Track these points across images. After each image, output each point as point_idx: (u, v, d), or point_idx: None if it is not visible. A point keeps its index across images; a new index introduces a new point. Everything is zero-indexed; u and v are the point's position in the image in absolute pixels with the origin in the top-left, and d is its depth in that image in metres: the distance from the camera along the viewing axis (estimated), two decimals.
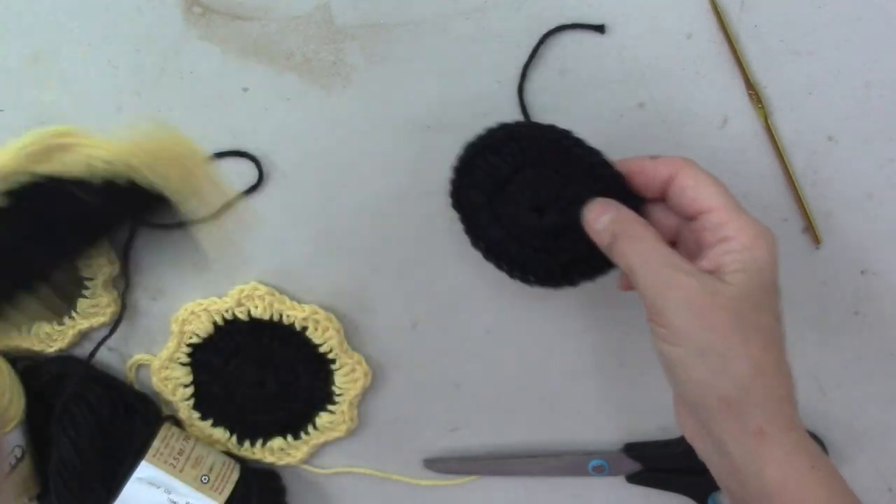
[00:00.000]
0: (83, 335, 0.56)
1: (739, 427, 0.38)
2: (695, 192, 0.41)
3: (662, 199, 0.43)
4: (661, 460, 0.55)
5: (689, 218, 0.41)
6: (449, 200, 0.47)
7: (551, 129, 0.44)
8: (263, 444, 0.57)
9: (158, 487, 0.52)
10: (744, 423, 0.38)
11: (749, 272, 0.39)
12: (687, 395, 0.40)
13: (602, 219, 0.42)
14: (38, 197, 0.31)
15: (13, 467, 0.52)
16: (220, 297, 0.54)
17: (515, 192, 0.45)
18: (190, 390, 0.56)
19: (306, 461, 0.58)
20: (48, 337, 0.55)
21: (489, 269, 0.52)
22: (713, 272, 0.39)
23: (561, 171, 0.44)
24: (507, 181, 0.45)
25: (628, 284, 0.45)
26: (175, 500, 0.52)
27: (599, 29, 0.47)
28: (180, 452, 0.54)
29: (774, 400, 0.38)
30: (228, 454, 0.57)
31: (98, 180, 0.31)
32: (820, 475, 0.38)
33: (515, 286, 0.53)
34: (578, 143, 0.44)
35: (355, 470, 0.58)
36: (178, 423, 0.57)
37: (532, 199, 0.45)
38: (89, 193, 0.32)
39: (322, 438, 0.56)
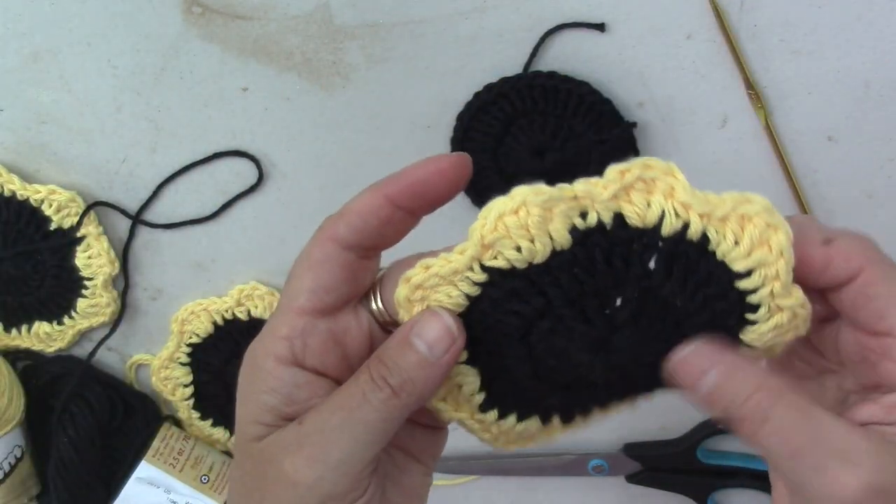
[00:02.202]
0: (83, 335, 0.56)
1: None
2: (883, 304, 0.28)
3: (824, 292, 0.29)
4: (661, 460, 0.55)
5: (868, 333, 0.28)
6: None
7: (535, 75, 0.46)
8: None
9: (158, 487, 0.52)
10: None
11: None
12: None
13: (703, 384, 0.27)
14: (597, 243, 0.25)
15: (13, 467, 0.52)
16: (219, 297, 0.54)
17: (514, 143, 0.47)
18: (190, 390, 0.56)
19: None
20: (48, 337, 0.55)
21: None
22: (886, 426, 0.27)
23: (555, 111, 0.46)
24: (504, 135, 0.47)
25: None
26: (175, 499, 0.52)
27: (599, 28, 0.47)
28: (180, 452, 0.54)
29: None
30: (228, 454, 0.57)
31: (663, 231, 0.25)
32: None
33: None
34: (564, 80, 0.46)
35: None
36: (177, 422, 0.57)
37: (531, 144, 0.47)
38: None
39: None
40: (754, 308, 0.26)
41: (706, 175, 0.48)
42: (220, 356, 0.55)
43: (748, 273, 0.26)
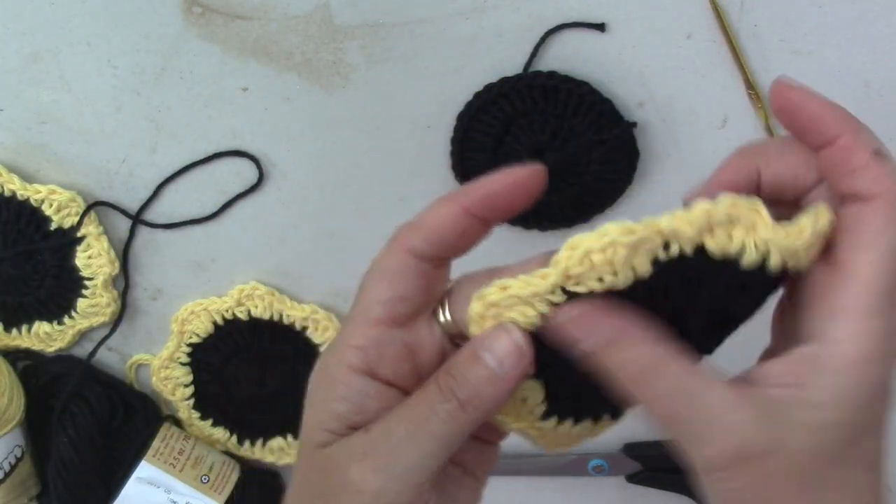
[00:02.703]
0: (83, 335, 0.56)
1: None
2: (857, 229, 0.26)
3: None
4: (661, 460, 0.55)
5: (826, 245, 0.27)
6: (452, 174, 0.49)
7: (535, 75, 0.47)
8: (263, 444, 0.57)
9: (158, 487, 0.52)
10: None
11: (837, 411, 0.25)
12: None
13: (588, 342, 0.27)
14: (683, 271, 0.26)
15: (13, 467, 0.52)
16: (220, 297, 0.54)
17: (513, 143, 0.47)
18: (190, 390, 0.56)
19: None
20: (48, 337, 0.55)
21: (488, 265, 0.52)
22: (791, 388, 0.26)
23: (555, 111, 0.47)
24: (504, 134, 0.47)
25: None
26: (175, 499, 0.52)
27: (600, 28, 0.47)
28: (180, 452, 0.54)
29: None
30: (228, 454, 0.57)
31: (748, 263, 0.26)
32: None
33: None
34: (564, 80, 0.46)
35: None
36: (177, 422, 0.57)
37: (531, 144, 0.47)
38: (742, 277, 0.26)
39: None
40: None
41: (706, 175, 0.48)
42: (220, 356, 0.55)
43: None
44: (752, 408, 0.26)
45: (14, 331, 0.55)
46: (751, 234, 0.26)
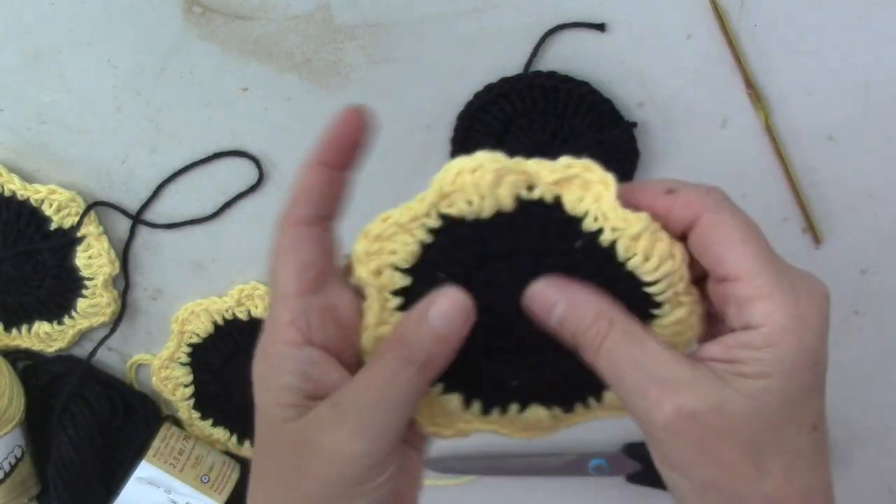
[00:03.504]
0: (83, 335, 0.56)
1: None
2: (719, 249, 0.29)
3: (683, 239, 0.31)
4: None
5: (715, 279, 0.30)
6: None
7: (535, 75, 0.47)
8: None
9: (158, 487, 0.52)
10: None
11: (772, 377, 0.29)
12: None
13: (554, 313, 0.30)
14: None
15: (13, 467, 0.52)
16: (220, 297, 0.54)
17: (514, 143, 0.48)
18: (190, 390, 0.56)
19: None
20: (48, 337, 0.55)
21: None
22: (728, 363, 0.29)
23: (555, 111, 0.47)
24: (504, 134, 0.48)
25: None
26: (175, 499, 0.52)
27: (600, 28, 0.47)
28: (180, 452, 0.54)
29: None
30: (228, 454, 0.57)
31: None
32: None
33: None
34: (564, 80, 0.46)
35: None
36: (178, 422, 0.57)
37: (531, 143, 0.47)
38: None
39: None
40: (658, 305, 0.30)
41: (706, 175, 0.48)
42: (220, 356, 0.55)
43: (655, 282, 0.30)
44: (697, 372, 0.29)
45: (14, 331, 0.55)
46: (595, 202, 0.30)
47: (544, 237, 0.30)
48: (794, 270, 0.31)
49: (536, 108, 0.47)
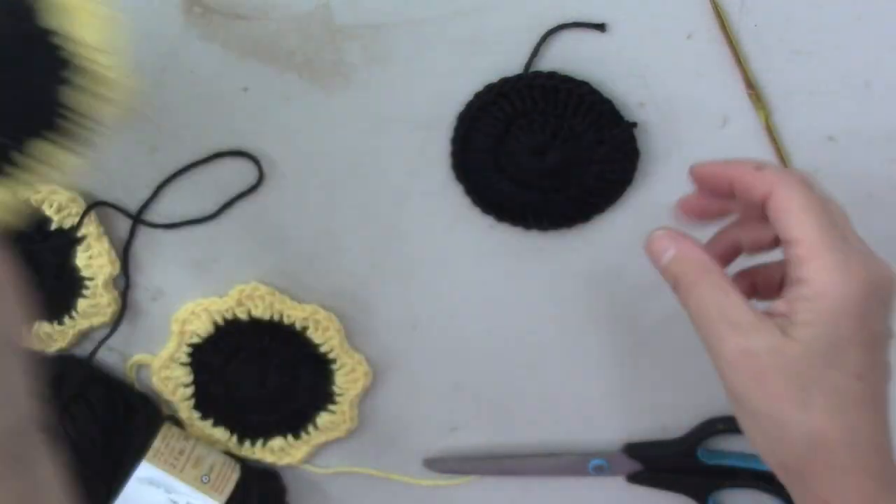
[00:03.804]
0: (83, 335, 0.56)
1: (802, 494, 0.36)
2: (786, 217, 0.36)
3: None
4: (661, 460, 0.55)
5: (784, 243, 0.37)
6: (452, 174, 0.50)
7: (535, 75, 0.47)
8: (263, 444, 0.57)
9: (158, 487, 0.52)
10: (805, 492, 0.36)
11: (818, 325, 0.34)
12: (756, 449, 0.38)
13: (664, 256, 0.39)
14: None
15: None
16: (220, 297, 0.54)
17: (514, 143, 0.48)
18: (190, 390, 0.56)
19: (306, 461, 0.58)
20: (48, 337, 0.55)
21: (488, 267, 0.53)
22: (785, 317, 0.35)
23: (555, 111, 0.47)
24: (504, 134, 0.48)
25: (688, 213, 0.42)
26: (175, 499, 0.52)
27: (600, 28, 0.47)
28: (180, 452, 0.54)
29: (839, 472, 0.35)
30: (228, 454, 0.57)
31: None
32: None
33: (515, 285, 0.53)
34: (565, 80, 0.46)
35: (355, 470, 0.58)
36: (178, 423, 0.57)
37: (531, 143, 0.47)
38: None
39: (322, 438, 0.56)
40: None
41: None
42: (220, 356, 0.55)
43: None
44: (761, 321, 0.35)
45: None
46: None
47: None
48: (856, 246, 0.36)
49: (536, 108, 0.47)
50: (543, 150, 0.48)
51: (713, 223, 0.43)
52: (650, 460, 0.55)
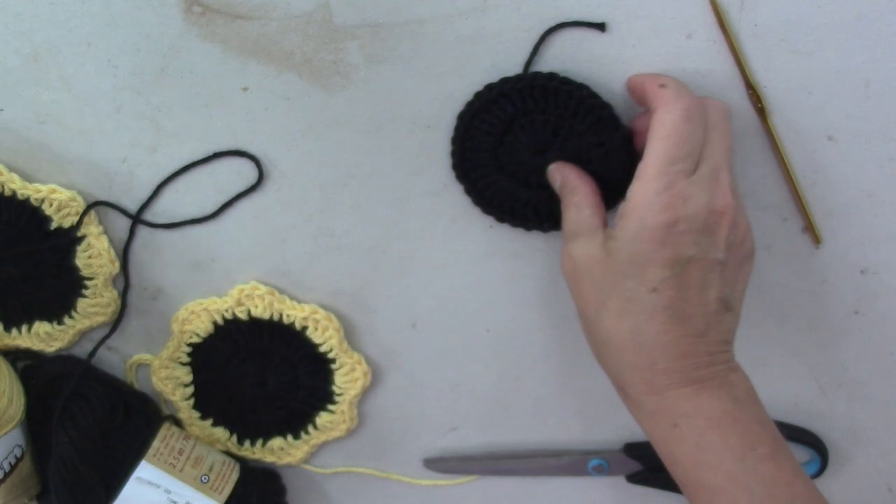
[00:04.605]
0: (83, 335, 0.56)
1: (611, 381, 0.44)
2: (649, 135, 0.41)
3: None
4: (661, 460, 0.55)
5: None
6: (452, 174, 0.50)
7: (535, 76, 0.47)
8: (263, 443, 0.57)
9: (158, 487, 0.52)
10: (612, 379, 0.43)
11: (623, 240, 0.40)
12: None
13: (555, 184, 0.46)
14: None
15: (13, 467, 0.52)
16: (220, 297, 0.54)
17: (514, 142, 0.48)
18: (190, 390, 0.56)
19: (306, 461, 0.58)
20: (48, 337, 0.55)
21: (488, 267, 0.53)
22: (610, 232, 0.42)
23: (555, 111, 0.47)
24: (504, 134, 0.48)
25: None
26: (175, 499, 0.52)
27: (600, 27, 0.47)
28: (180, 452, 0.54)
29: (628, 368, 0.41)
30: (228, 454, 0.57)
31: None
32: (679, 432, 0.40)
33: (515, 286, 0.53)
34: (565, 82, 0.47)
35: (355, 469, 0.58)
36: (178, 422, 0.57)
37: (531, 143, 0.48)
38: None
39: (322, 438, 0.56)
40: None
41: None
42: (220, 356, 0.55)
43: None
44: (591, 233, 0.43)
45: (14, 331, 0.55)
46: None
47: None
48: (694, 179, 0.40)
49: (537, 108, 0.47)
50: (543, 149, 0.48)
51: None
52: (650, 460, 0.55)
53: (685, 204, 0.39)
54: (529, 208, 0.49)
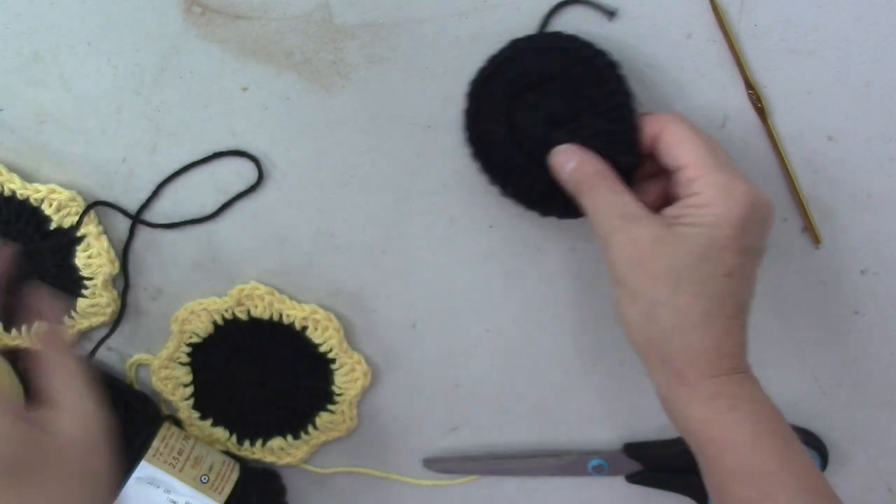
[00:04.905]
0: (83, 335, 0.56)
1: (663, 368, 0.43)
2: (676, 148, 0.42)
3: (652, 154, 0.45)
4: (661, 460, 0.55)
5: (674, 170, 0.43)
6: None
7: (572, 40, 0.45)
8: (263, 444, 0.57)
9: (158, 487, 0.52)
10: (667, 366, 0.42)
11: (701, 227, 0.41)
12: (626, 332, 0.44)
13: (566, 167, 0.45)
14: None
15: None
16: (220, 297, 0.54)
17: (529, 110, 0.46)
18: (190, 390, 0.56)
19: (306, 461, 0.58)
20: None
21: (489, 268, 0.53)
22: (676, 218, 0.42)
23: (580, 83, 0.45)
24: (521, 96, 0.46)
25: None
26: (175, 499, 0.52)
27: (610, 14, 0.46)
28: (180, 452, 0.54)
29: (695, 350, 0.41)
30: (228, 454, 0.57)
31: None
32: (738, 415, 0.41)
33: (515, 286, 0.53)
34: (599, 54, 0.45)
35: (355, 469, 0.58)
36: (177, 422, 0.57)
37: (545, 114, 0.46)
38: None
39: (322, 438, 0.56)
40: None
41: None
42: (220, 356, 0.55)
43: None
44: (650, 216, 0.42)
45: (14, 331, 0.55)
46: None
47: None
48: (737, 172, 0.42)
49: (549, 75, 0.46)
50: (557, 121, 0.46)
51: None
52: (650, 460, 0.55)
53: (757, 196, 0.41)
54: (537, 183, 0.47)
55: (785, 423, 0.42)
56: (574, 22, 0.47)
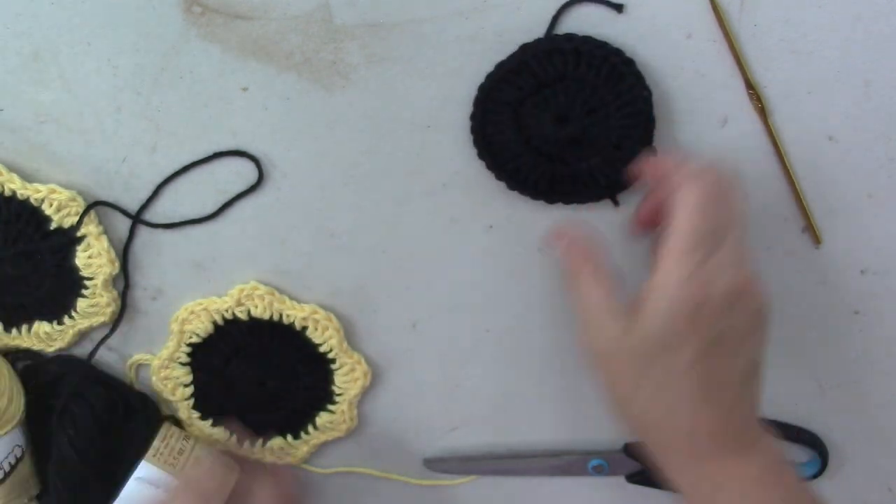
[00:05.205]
0: (83, 335, 0.56)
1: (653, 457, 0.43)
2: (676, 210, 0.40)
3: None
4: None
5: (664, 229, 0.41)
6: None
7: (584, 41, 0.46)
8: (263, 444, 0.57)
9: (158, 487, 0.52)
10: (652, 451, 0.42)
11: (656, 318, 0.39)
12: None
13: (559, 245, 0.46)
14: None
15: (13, 467, 0.52)
16: (219, 297, 0.54)
17: (537, 109, 0.47)
18: (190, 390, 0.56)
19: (306, 461, 0.58)
20: (48, 337, 0.55)
21: (489, 268, 0.53)
22: (640, 303, 0.40)
23: (592, 81, 0.46)
24: (530, 97, 0.47)
25: (639, 227, 0.47)
26: None
27: (617, 8, 0.46)
28: (180, 452, 0.54)
29: (665, 443, 0.41)
30: (228, 454, 0.57)
31: None
32: (727, 494, 0.40)
33: (515, 286, 0.53)
34: (616, 53, 0.46)
35: (355, 470, 0.58)
36: (178, 422, 0.57)
37: (555, 110, 0.47)
38: None
39: (322, 438, 0.56)
40: None
41: None
42: (220, 356, 0.55)
43: None
44: (614, 312, 0.41)
45: (14, 331, 0.55)
46: None
47: None
48: (722, 256, 0.39)
49: (558, 75, 0.47)
50: (565, 117, 0.47)
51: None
52: (650, 460, 0.55)
53: (714, 284, 0.39)
54: (544, 179, 0.48)
55: (789, 489, 0.41)
56: (574, 22, 0.47)
